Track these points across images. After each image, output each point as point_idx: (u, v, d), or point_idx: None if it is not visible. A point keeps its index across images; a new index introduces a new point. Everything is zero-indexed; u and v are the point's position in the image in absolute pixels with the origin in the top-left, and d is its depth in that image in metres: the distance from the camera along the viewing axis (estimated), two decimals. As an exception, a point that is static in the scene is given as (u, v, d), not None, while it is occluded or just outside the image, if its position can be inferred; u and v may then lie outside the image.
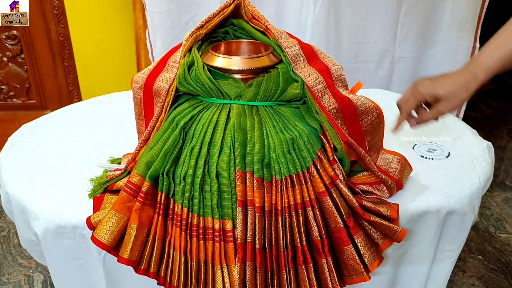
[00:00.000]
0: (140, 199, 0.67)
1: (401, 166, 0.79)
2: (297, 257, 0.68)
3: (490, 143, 0.93)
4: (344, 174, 0.72)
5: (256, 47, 0.83)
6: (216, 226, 0.66)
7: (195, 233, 0.67)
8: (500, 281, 1.31)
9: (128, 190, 0.69)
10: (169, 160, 0.69)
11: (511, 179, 1.78)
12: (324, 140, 0.72)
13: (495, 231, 1.50)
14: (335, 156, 0.71)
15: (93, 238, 0.68)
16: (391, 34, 1.51)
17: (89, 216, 0.71)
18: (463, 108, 1.56)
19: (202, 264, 0.67)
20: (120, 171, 0.78)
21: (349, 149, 0.72)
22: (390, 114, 0.83)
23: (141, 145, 0.76)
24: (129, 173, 0.76)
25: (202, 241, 0.67)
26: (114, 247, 0.69)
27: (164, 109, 0.74)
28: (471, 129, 0.98)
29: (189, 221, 0.67)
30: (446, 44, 1.50)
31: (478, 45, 1.46)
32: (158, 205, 0.68)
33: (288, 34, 0.80)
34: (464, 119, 1.55)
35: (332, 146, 0.71)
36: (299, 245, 0.67)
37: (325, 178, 0.69)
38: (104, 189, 0.78)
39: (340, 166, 0.72)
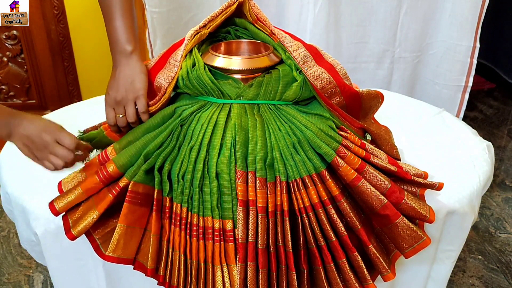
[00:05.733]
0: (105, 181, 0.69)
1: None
2: (314, 258, 0.67)
3: (490, 143, 0.93)
4: (375, 150, 0.74)
5: (256, 47, 0.83)
6: (216, 226, 0.66)
7: (194, 233, 0.67)
8: (500, 281, 1.31)
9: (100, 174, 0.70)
10: (160, 155, 0.69)
11: (511, 179, 1.78)
12: (344, 133, 0.73)
13: (495, 231, 1.50)
14: (361, 140, 0.73)
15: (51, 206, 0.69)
16: (391, 34, 1.51)
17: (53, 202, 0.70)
18: (463, 108, 1.56)
19: (202, 263, 0.66)
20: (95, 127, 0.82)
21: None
22: (390, 114, 0.83)
23: None
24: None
25: (202, 240, 0.66)
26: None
27: (157, 104, 0.75)
28: (471, 129, 0.98)
29: (189, 220, 0.67)
30: (446, 44, 1.50)
31: (478, 45, 1.46)
32: (153, 201, 0.68)
33: (292, 36, 0.80)
34: (464, 119, 1.55)
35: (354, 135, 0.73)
36: (313, 246, 0.67)
37: (351, 170, 0.68)
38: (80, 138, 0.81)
39: (370, 145, 0.74)
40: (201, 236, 0.66)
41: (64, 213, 0.69)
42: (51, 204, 0.69)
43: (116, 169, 0.69)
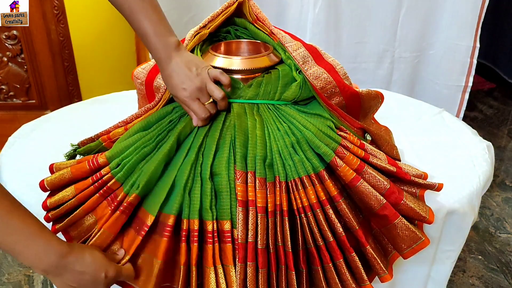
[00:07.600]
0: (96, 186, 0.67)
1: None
2: (313, 258, 0.67)
3: (490, 143, 0.93)
4: (375, 151, 0.73)
5: (256, 47, 0.83)
6: (209, 228, 0.64)
7: (166, 233, 0.64)
8: (500, 281, 1.31)
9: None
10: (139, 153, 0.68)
11: (511, 179, 1.78)
12: (343, 133, 0.72)
13: (495, 231, 1.50)
14: (360, 140, 0.72)
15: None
16: (391, 34, 1.51)
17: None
18: (463, 108, 1.56)
19: (182, 266, 0.64)
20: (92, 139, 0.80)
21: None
22: (390, 114, 0.83)
23: (120, 124, 0.77)
24: (100, 143, 0.77)
25: (184, 243, 0.64)
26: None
27: (157, 105, 0.74)
28: (471, 129, 0.98)
29: (163, 222, 0.65)
30: (446, 44, 1.50)
31: (478, 45, 1.46)
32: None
33: (291, 35, 0.80)
34: (464, 119, 1.55)
35: (353, 135, 0.73)
36: (312, 245, 0.67)
37: (350, 170, 0.67)
38: (74, 152, 0.81)
39: (369, 145, 0.73)
40: (183, 238, 0.64)
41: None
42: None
43: (106, 161, 0.69)
